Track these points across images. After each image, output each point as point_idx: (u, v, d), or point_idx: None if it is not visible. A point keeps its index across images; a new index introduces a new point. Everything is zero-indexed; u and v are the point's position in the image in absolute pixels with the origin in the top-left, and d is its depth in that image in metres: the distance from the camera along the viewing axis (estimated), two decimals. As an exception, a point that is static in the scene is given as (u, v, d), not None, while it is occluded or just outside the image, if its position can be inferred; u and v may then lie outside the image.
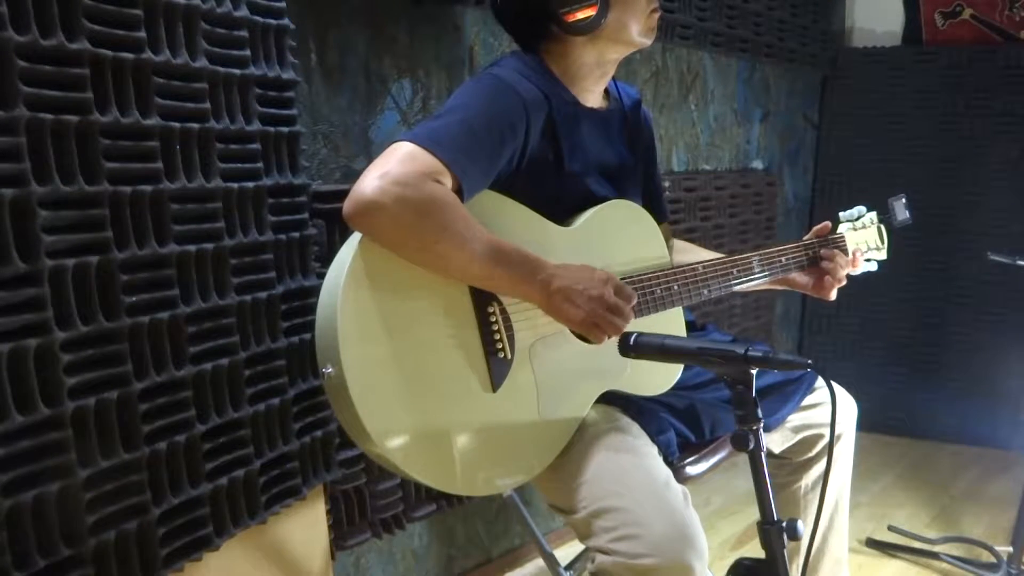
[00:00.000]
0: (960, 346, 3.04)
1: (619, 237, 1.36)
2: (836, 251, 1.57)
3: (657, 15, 1.35)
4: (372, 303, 1.08)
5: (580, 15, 1.26)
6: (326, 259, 1.29)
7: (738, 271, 1.46)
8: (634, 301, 1.21)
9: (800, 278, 1.57)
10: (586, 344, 1.27)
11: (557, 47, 1.33)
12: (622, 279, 1.31)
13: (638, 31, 1.33)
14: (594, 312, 1.15)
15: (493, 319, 1.18)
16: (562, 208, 1.31)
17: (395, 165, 1.07)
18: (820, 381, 1.50)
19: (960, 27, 3.01)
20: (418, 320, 1.12)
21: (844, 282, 1.58)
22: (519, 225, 1.23)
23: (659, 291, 1.33)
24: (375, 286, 1.08)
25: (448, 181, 1.11)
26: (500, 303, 1.19)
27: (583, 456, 1.23)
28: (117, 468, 1.06)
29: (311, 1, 1.50)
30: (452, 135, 1.13)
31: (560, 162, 1.30)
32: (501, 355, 1.18)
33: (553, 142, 1.29)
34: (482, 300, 1.17)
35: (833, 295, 1.57)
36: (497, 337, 1.18)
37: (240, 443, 1.25)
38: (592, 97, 1.39)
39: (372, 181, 1.06)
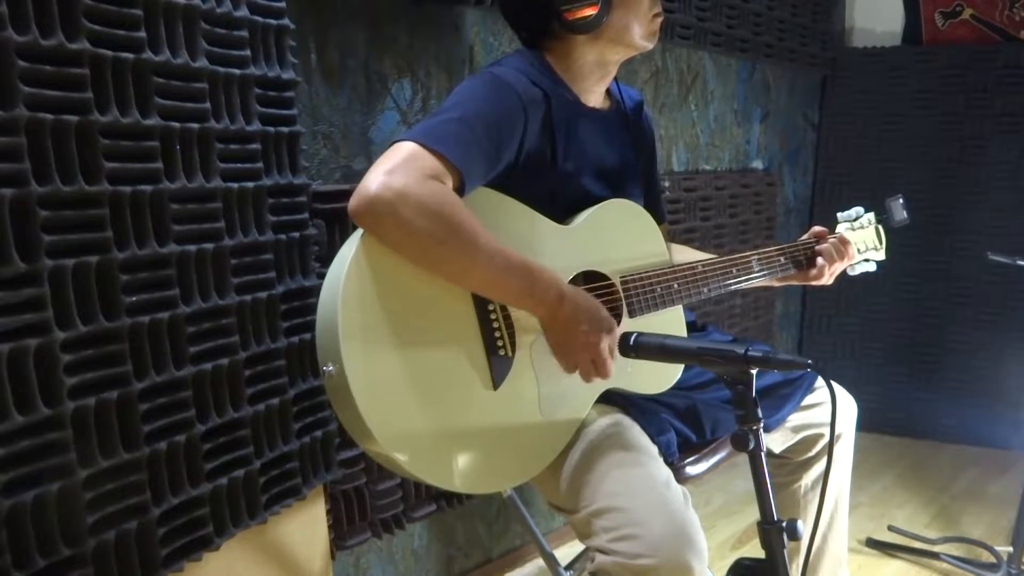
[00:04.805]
0: (960, 346, 3.04)
1: (618, 235, 1.36)
2: (837, 244, 1.57)
3: (660, 19, 1.34)
4: (373, 301, 1.08)
5: (581, 14, 1.26)
6: (326, 259, 1.29)
7: (737, 270, 1.46)
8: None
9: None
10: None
11: (559, 45, 1.33)
12: (622, 278, 1.31)
13: (640, 34, 1.33)
14: (585, 356, 1.18)
15: (493, 317, 1.18)
16: (558, 206, 1.31)
17: (400, 164, 1.07)
18: (820, 381, 1.51)
19: (960, 27, 3.01)
20: (419, 318, 1.12)
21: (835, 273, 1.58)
22: (517, 222, 1.23)
23: (659, 289, 1.33)
24: (376, 283, 1.08)
25: (450, 180, 1.11)
26: (500, 301, 1.19)
27: (584, 456, 1.23)
28: (117, 468, 1.06)
29: (311, 1, 1.50)
30: (453, 133, 1.13)
31: (555, 160, 1.30)
32: (502, 352, 1.18)
33: (550, 140, 1.29)
34: (483, 298, 1.17)
35: (824, 280, 1.57)
36: (498, 335, 1.18)
37: (240, 443, 1.25)
38: (593, 97, 1.39)
39: (378, 178, 1.05)
